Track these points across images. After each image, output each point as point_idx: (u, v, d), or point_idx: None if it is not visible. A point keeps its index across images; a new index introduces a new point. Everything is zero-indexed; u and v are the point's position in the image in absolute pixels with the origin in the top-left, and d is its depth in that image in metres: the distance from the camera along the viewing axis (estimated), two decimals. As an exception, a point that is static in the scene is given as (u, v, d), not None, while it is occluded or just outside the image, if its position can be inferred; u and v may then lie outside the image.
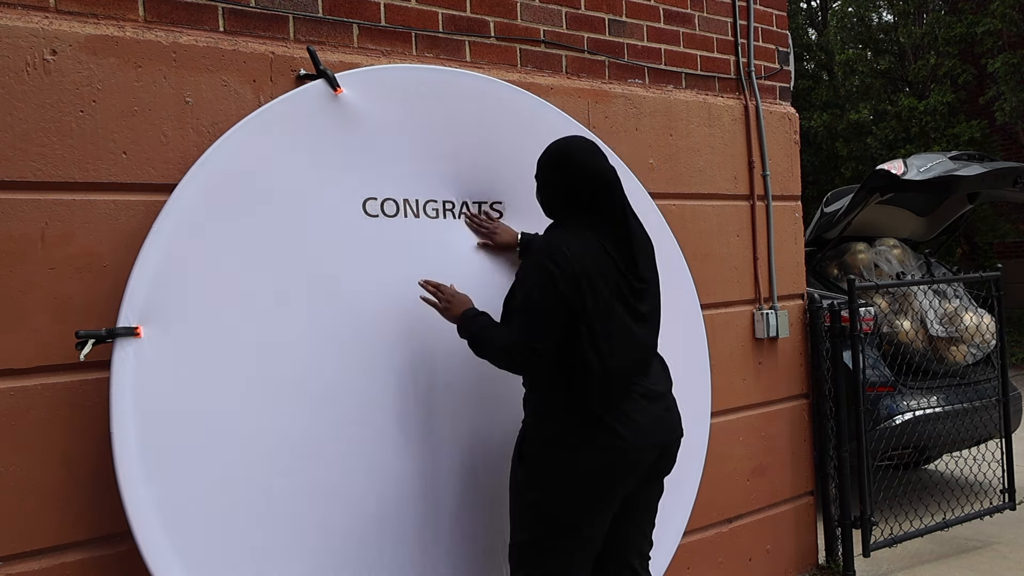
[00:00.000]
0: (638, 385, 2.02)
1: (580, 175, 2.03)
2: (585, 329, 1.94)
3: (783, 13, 3.51)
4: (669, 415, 2.08)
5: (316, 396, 2.11)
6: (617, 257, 2.01)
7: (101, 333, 1.88)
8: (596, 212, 2.02)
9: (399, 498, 2.21)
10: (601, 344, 1.95)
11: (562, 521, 1.98)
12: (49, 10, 1.96)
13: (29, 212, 1.90)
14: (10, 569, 1.86)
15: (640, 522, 2.14)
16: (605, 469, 1.96)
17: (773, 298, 3.30)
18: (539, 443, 2.02)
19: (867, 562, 3.54)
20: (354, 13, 2.39)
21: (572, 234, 2.00)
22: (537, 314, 1.94)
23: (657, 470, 2.08)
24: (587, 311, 1.93)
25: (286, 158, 2.13)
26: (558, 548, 1.98)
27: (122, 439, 1.86)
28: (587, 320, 1.94)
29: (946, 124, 10.15)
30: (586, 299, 1.93)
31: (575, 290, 1.92)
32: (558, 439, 1.99)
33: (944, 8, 10.94)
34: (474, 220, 2.42)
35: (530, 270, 1.99)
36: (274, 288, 2.09)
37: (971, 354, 4.42)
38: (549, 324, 1.93)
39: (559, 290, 1.91)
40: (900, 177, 4.24)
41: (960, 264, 9.81)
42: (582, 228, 2.01)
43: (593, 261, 1.96)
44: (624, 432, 1.96)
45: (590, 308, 1.93)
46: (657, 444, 2.03)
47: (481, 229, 2.41)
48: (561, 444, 1.98)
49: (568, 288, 1.92)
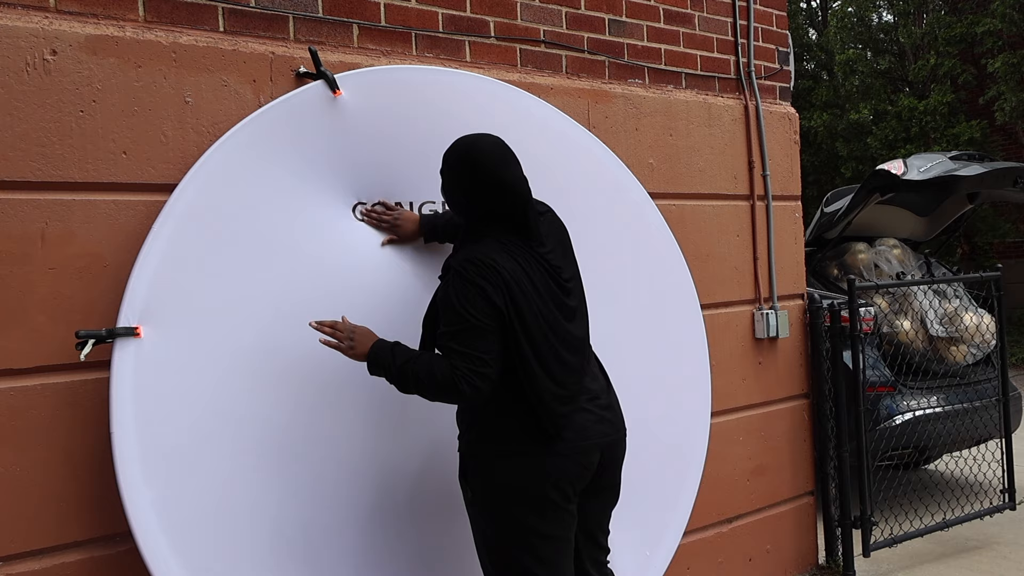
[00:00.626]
0: (580, 385, 1.96)
1: (488, 183, 1.90)
2: (525, 340, 1.85)
3: (783, 13, 3.51)
4: (609, 413, 2.02)
5: (316, 396, 2.11)
6: (539, 259, 1.93)
7: (101, 333, 1.88)
8: (508, 218, 1.93)
9: (401, 498, 2.20)
10: (542, 351, 1.87)
11: (525, 529, 1.90)
12: (49, 10, 1.96)
13: (29, 212, 1.90)
14: (10, 569, 1.86)
15: (592, 530, 2.06)
16: (556, 472, 1.89)
17: (773, 298, 3.30)
18: (483, 457, 1.94)
19: (867, 562, 3.54)
20: (354, 13, 2.39)
21: (493, 245, 1.90)
22: (477, 333, 1.81)
23: (604, 472, 2.00)
24: (524, 321, 1.85)
25: (285, 159, 2.13)
26: (528, 556, 1.91)
27: (122, 439, 1.86)
28: (526, 331, 1.85)
29: (946, 124, 10.16)
30: (522, 309, 1.85)
31: (510, 303, 1.84)
32: (503, 451, 1.91)
33: (944, 8, 10.94)
34: (370, 215, 2.24)
35: (459, 290, 1.84)
36: (274, 288, 2.08)
37: (971, 354, 4.42)
38: (492, 342, 1.83)
39: (495, 304, 1.82)
40: (900, 177, 4.24)
41: (960, 264, 9.82)
42: (499, 236, 1.92)
43: (521, 268, 1.88)
44: (568, 435, 1.90)
45: (527, 317, 1.85)
46: (600, 444, 1.96)
47: (382, 223, 2.24)
48: (508, 455, 1.90)
49: (503, 301, 1.83)
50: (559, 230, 2.05)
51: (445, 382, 1.82)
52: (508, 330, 1.85)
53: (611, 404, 2.04)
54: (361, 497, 2.15)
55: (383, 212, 2.26)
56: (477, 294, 1.82)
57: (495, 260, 1.85)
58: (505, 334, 1.85)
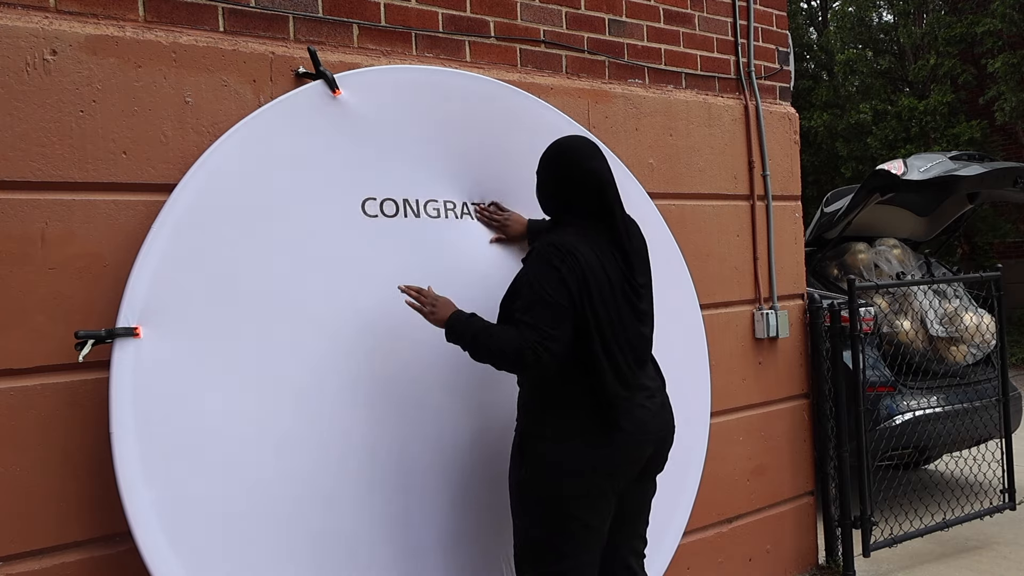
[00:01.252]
0: (639, 381, 2.05)
1: (576, 175, 2.05)
2: (594, 327, 1.95)
3: (783, 13, 3.51)
4: (664, 411, 2.12)
5: (316, 397, 2.11)
6: (618, 257, 2.04)
7: (100, 333, 1.88)
8: (593, 212, 2.05)
9: (402, 499, 2.20)
10: (610, 342, 1.97)
11: (571, 516, 1.97)
12: (49, 10, 1.96)
13: (29, 212, 1.90)
14: (10, 569, 1.86)
15: (635, 521, 2.16)
16: (610, 463, 1.98)
17: (773, 298, 3.30)
18: (543, 440, 2.01)
19: (867, 562, 3.54)
20: (354, 13, 2.39)
21: (575, 234, 2.01)
22: (549, 309, 1.91)
23: (652, 466, 2.12)
24: (595, 309, 1.95)
25: (285, 158, 2.13)
26: (568, 544, 1.98)
27: (122, 439, 1.86)
28: (596, 318, 1.95)
29: (946, 124, 10.16)
30: (594, 297, 1.95)
31: (583, 289, 1.94)
32: (563, 435, 1.99)
33: (944, 8, 10.94)
34: (483, 213, 2.43)
35: (537, 270, 1.96)
36: (273, 289, 2.08)
37: (971, 354, 4.42)
38: (562, 319, 1.92)
39: (569, 288, 1.92)
40: (900, 177, 4.24)
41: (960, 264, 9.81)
42: (583, 228, 2.03)
43: (598, 260, 1.98)
44: (627, 427, 1.99)
45: (598, 306, 1.95)
46: (655, 439, 2.07)
47: (492, 222, 2.42)
48: (567, 439, 1.98)
49: (577, 286, 1.93)
50: (640, 239, 2.16)
51: (513, 351, 1.91)
52: (579, 315, 1.94)
53: (665, 402, 2.13)
54: (362, 497, 2.15)
55: (495, 212, 2.43)
56: (553, 274, 1.93)
57: (575, 246, 1.96)
58: (575, 319, 1.94)
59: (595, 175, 2.05)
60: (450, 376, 2.29)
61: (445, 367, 2.29)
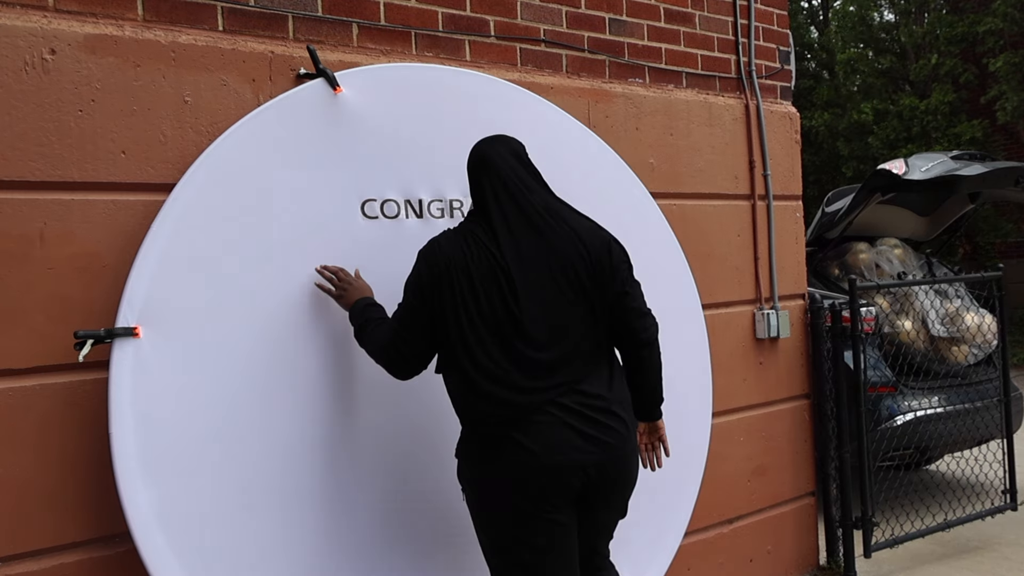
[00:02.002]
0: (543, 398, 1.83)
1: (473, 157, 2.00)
2: (455, 330, 1.83)
3: (784, 12, 3.51)
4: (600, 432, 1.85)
5: (316, 397, 2.11)
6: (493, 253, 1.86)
7: (100, 333, 1.88)
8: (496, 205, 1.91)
9: (402, 500, 2.20)
10: (474, 348, 1.82)
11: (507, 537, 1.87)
12: (48, 9, 1.95)
13: (28, 212, 1.90)
14: (9, 570, 1.86)
15: (592, 542, 1.99)
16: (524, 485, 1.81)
17: (774, 298, 3.30)
18: (465, 460, 1.94)
19: (868, 563, 3.53)
20: (354, 12, 2.39)
21: (457, 229, 1.93)
22: (404, 314, 1.89)
23: (596, 491, 1.88)
24: (456, 309, 1.82)
25: (286, 158, 2.13)
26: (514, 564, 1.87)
27: (121, 439, 1.86)
28: (456, 320, 1.83)
29: (947, 124, 10.15)
30: (454, 296, 1.82)
31: (438, 287, 1.83)
32: (478, 456, 1.90)
33: (945, 7, 10.93)
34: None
35: (413, 268, 1.92)
36: (273, 289, 2.08)
37: (972, 354, 4.41)
38: (413, 325, 1.87)
39: (422, 288, 1.86)
40: (901, 177, 4.23)
41: (962, 264, 9.79)
42: (475, 223, 1.92)
43: (465, 255, 1.85)
44: (528, 444, 1.81)
45: (459, 306, 1.82)
46: (577, 463, 1.82)
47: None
48: (480, 461, 1.89)
49: (431, 285, 1.84)
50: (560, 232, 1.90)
51: (380, 348, 1.94)
52: (439, 318, 1.85)
53: (607, 424, 1.87)
54: (363, 498, 2.15)
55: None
56: (415, 273, 1.90)
57: (440, 242, 1.91)
58: (436, 321, 1.86)
59: (485, 156, 1.96)
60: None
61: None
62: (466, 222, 1.97)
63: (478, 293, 1.84)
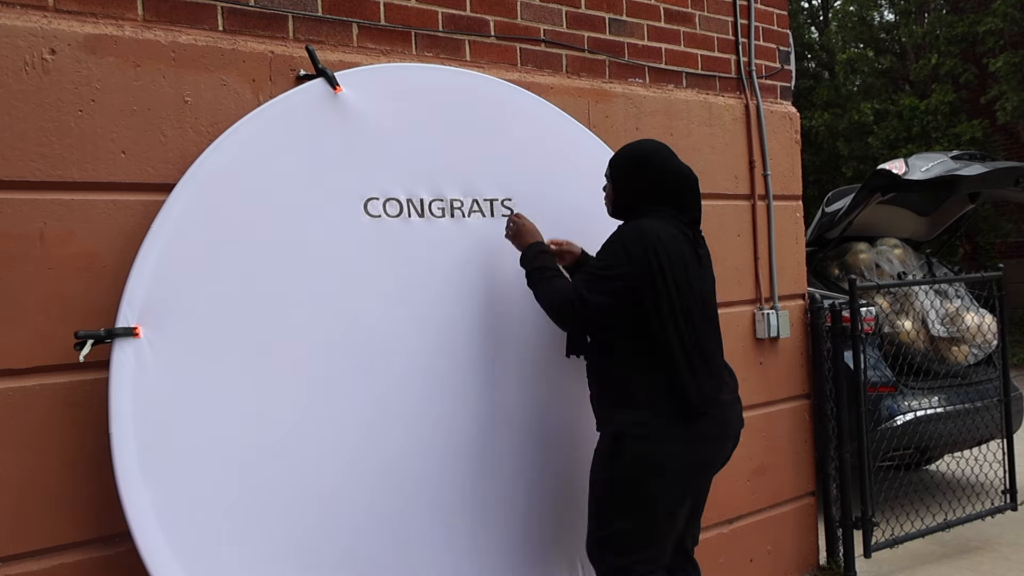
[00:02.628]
0: (722, 380, 2.15)
1: (665, 173, 2.14)
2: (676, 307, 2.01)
3: (784, 12, 3.50)
4: (740, 408, 2.22)
5: (316, 397, 2.11)
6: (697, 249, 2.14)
7: (100, 333, 1.88)
8: (681, 206, 2.14)
9: (402, 501, 2.20)
10: (689, 332, 2.03)
11: (661, 508, 2.07)
12: (48, 9, 1.95)
13: (28, 212, 1.90)
14: (9, 570, 1.86)
15: (696, 510, 2.27)
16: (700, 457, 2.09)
17: (774, 298, 3.30)
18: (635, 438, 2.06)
19: (868, 563, 3.54)
20: (354, 12, 2.39)
21: (659, 221, 2.08)
22: (605, 274, 2.02)
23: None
24: (677, 288, 2.01)
25: (286, 157, 2.13)
26: (654, 534, 2.09)
27: (121, 439, 1.86)
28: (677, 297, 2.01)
29: (947, 124, 10.15)
30: (672, 273, 2.00)
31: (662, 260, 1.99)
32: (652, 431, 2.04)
33: (945, 7, 10.93)
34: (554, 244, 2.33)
35: (612, 246, 2.07)
36: (274, 289, 2.08)
37: (972, 354, 4.41)
38: (611, 286, 2.00)
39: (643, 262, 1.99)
40: (901, 177, 4.23)
41: (962, 264, 9.79)
42: (666, 217, 2.10)
43: (678, 241, 2.06)
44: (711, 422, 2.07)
45: (680, 286, 2.02)
46: (734, 433, 2.18)
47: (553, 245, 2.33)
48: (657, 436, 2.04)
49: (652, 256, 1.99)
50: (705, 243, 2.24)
51: (559, 292, 2.07)
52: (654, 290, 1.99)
53: (740, 399, 2.24)
54: (362, 497, 2.15)
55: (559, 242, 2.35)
56: (624, 250, 2.02)
57: (652, 226, 2.05)
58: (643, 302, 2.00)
59: (675, 170, 2.15)
60: (454, 376, 2.29)
61: (448, 367, 2.28)
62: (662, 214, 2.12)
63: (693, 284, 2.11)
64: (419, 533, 2.23)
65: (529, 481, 2.39)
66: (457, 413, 2.30)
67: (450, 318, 2.30)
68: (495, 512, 2.33)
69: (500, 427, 2.34)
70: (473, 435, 2.31)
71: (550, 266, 2.16)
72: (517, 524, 2.37)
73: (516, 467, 2.36)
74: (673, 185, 2.13)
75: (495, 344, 2.36)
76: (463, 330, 2.31)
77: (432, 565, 2.24)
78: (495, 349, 2.36)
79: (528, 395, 2.36)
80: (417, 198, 2.30)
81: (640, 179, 2.15)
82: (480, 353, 2.34)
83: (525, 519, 2.38)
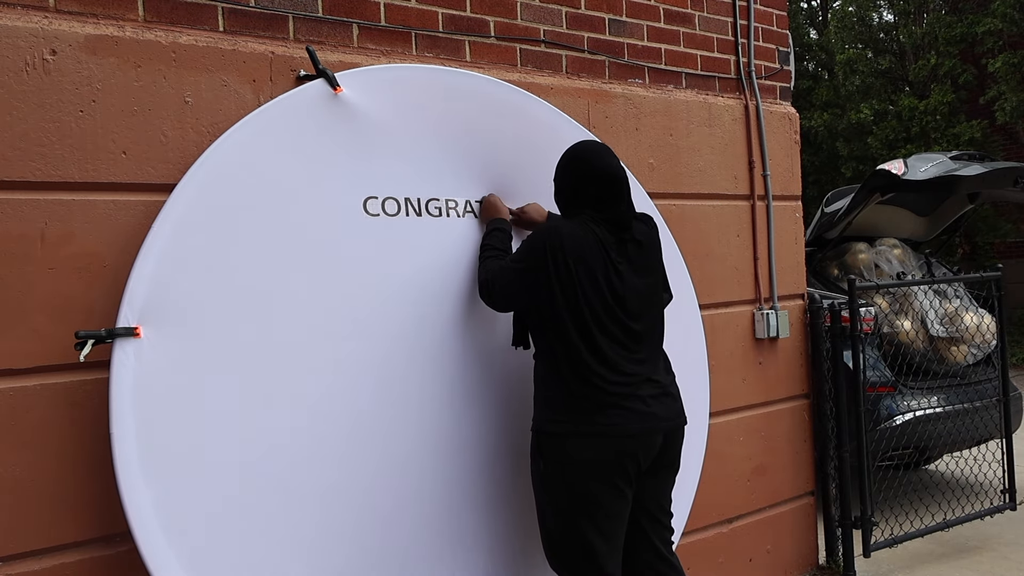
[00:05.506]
0: (641, 377, 2.11)
1: (588, 173, 2.16)
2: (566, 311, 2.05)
3: (783, 13, 3.51)
4: (672, 402, 2.19)
5: (316, 397, 2.11)
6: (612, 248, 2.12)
7: (101, 333, 1.88)
8: (600, 207, 2.14)
9: (402, 500, 2.20)
10: (588, 328, 2.05)
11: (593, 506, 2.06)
12: (49, 10, 1.96)
13: (29, 212, 1.90)
14: (10, 569, 1.86)
15: (653, 509, 2.21)
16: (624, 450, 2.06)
17: (773, 298, 3.30)
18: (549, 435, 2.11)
19: (867, 562, 3.54)
20: (354, 13, 2.39)
21: (571, 223, 2.14)
22: (512, 266, 2.13)
23: (664, 453, 2.16)
24: (571, 282, 2.05)
25: (286, 157, 2.13)
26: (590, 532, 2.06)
27: (121, 439, 1.86)
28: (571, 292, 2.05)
29: (947, 124, 10.15)
30: (567, 269, 2.05)
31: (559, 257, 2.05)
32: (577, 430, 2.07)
33: (944, 8, 10.94)
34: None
35: (524, 242, 2.17)
36: (274, 288, 2.08)
37: (971, 354, 4.41)
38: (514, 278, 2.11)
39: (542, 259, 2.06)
40: (900, 177, 4.23)
41: (961, 264, 9.80)
42: (585, 218, 2.14)
43: (586, 246, 2.08)
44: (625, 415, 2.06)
45: (569, 293, 2.05)
46: (662, 428, 2.13)
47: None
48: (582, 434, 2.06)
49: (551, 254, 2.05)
50: (652, 239, 2.25)
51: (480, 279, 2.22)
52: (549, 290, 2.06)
53: (675, 394, 2.21)
54: (364, 497, 2.15)
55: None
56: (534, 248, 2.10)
57: (559, 227, 2.13)
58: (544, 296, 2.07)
59: (606, 171, 2.16)
60: (454, 375, 2.29)
61: (447, 366, 2.29)
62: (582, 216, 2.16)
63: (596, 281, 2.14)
64: (420, 529, 2.23)
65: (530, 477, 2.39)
66: (457, 410, 2.30)
67: (449, 315, 2.30)
68: (496, 509, 2.34)
69: (499, 423, 2.35)
70: (471, 432, 2.32)
71: (493, 244, 2.26)
72: (519, 520, 2.38)
73: (517, 464, 2.36)
74: (595, 185, 2.15)
75: (495, 342, 2.36)
76: (462, 327, 2.32)
77: (437, 560, 2.24)
78: (495, 346, 2.36)
79: (527, 392, 2.36)
80: (415, 197, 2.31)
81: (565, 179, 2.22)
82: (480, 350, 2.34)
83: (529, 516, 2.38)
